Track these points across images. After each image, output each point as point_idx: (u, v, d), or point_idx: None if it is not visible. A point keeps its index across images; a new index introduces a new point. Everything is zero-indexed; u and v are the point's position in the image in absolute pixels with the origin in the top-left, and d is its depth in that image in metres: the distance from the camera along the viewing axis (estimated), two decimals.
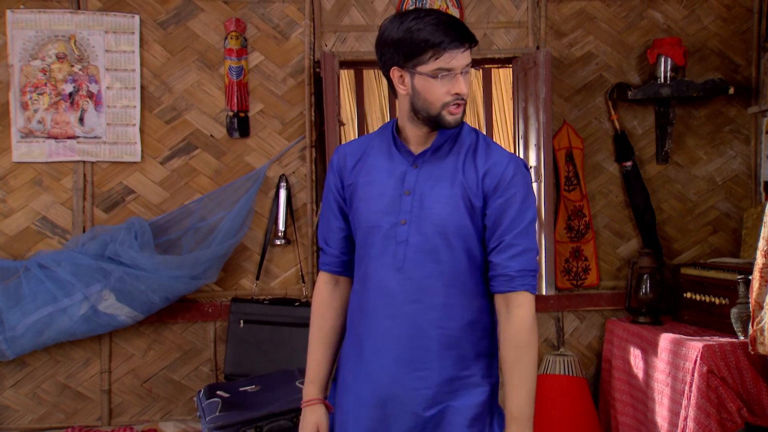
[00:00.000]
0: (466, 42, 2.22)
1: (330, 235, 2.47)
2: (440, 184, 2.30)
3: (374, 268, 2.33)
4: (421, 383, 2.29)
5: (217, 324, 4.41)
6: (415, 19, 2.21)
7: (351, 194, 2.39)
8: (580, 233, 4.51)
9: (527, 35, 4.52)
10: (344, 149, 2.47)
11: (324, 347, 2.46)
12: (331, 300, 2.48)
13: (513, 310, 2.28)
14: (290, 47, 4.45)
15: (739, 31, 4.62)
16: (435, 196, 2.29)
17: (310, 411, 2.41)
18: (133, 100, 4.38)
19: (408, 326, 2.29)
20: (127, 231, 4.16)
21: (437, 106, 2.25)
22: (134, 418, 4.39)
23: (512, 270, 2.28)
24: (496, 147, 2.39)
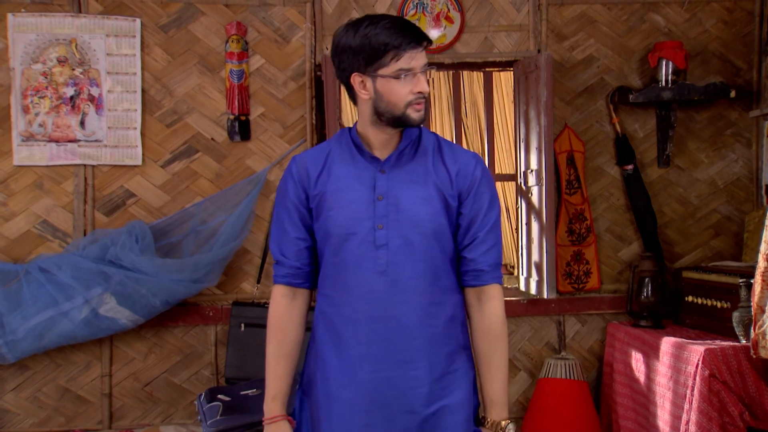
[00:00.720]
0: (423, 41, 2.29)
1: (288, 247, 2.43)
2: (413, 186, 2.36)
3: (354, 275, 2.34)
4: (415, 383, 2.33)
5: (218, 327, 4.41)
6: (370, 24, 2.27)
7: (318, 204, 2.39)
8: (581, 237, 4.51)
9: (528, 38, 4.52)
10: (304, 159, 2.46)
11: (285, 362, 2.44)
12: (289, 314, 2.45)
13: (486, 303, 2.39)
14: (291, 50, 4.45)
15: (740, 34, 4.62)
16: (410, 198, 2.35)
17: (275, 428, 2.40)
18: (134, 103, 4.38)
19: (396, 328, 2.33)
20: (128, 234, 4.16)
21: (401, 105, 2.29)
22: (135, 422, 4.39)
23: (485, 265, 2.38)
24: (459, 147, 2.49)
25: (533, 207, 4.38)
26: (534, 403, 4.33)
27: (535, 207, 4.35)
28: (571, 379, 4.30)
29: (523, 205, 4.54)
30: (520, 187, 4.57)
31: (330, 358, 2.37)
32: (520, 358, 4.57)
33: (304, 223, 2.43)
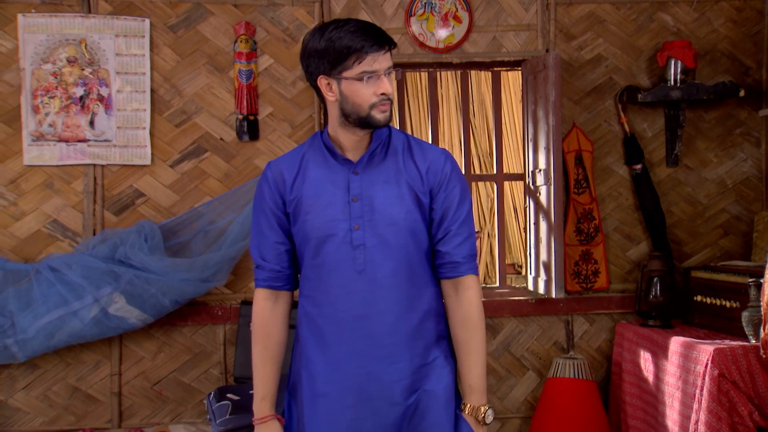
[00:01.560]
0: (385, 45, 2.35)
1: (267, 251, 2.49)
2: (386, 186, 2.43)
3: (334, 275, 2.41)
4: (397, 375, 2.41)
5: (227, 327, 4.43)
6: (335, 29, 2.32)
7: (296, 208, 2.45)
8: (589, 236, 4.51)
9: (536, 38, 4.52)
10: (278, 165, 2.51)
11: (271, 364, 2.52)
12: (273, 316, 2.51)
13: (462, 293, 2.46)
14: (299, 50, 4.45)
15: (749, 33, 4.61)
16: (384, 198, 2.42)
17: (266, 428, 2.46)
18: (144, 103, 4.40)
19: (377, 324, 2.41)
20: (137, 234, 4.18)
21: (365, 107, 2.35)
22: (144, 421, 4.40)
23: (459, 257, 2.46)
24: (428, 145, 2.56)
25: (541, 206, 4.38)
26: (542, 403, 4.33)
27: (544, 206, 4.35)
28: (579, 378, 4.30)
29: (531, 204, 4.54)
30: (529, 186, 4.58)
31: (315, 356, 2.44)
32: (529, 357, 4.57)
33: (282, 227, 2.48)
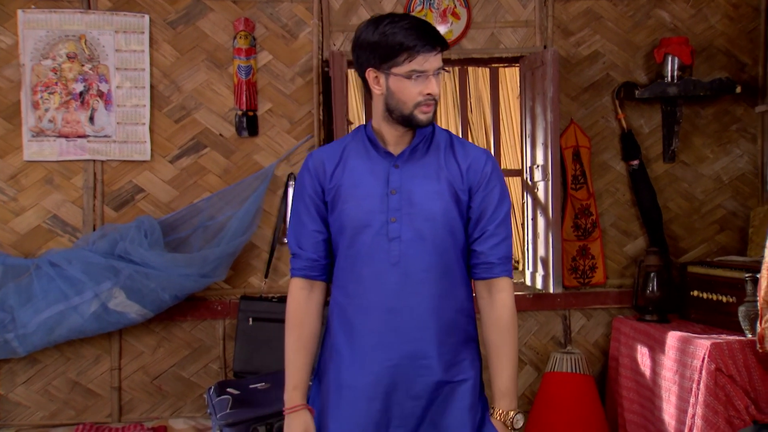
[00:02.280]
0: (438, 46, 2.36)
1: (305, 239, 2.51)
2: (426, 181, 2.44)
3: (368, 266, 2.43)
4: (425, 371, 2.42)
5: (226, 322, 4.45)
6: (390, 23, 2.34)
7: (334, 197, 2.47)
8: (587, 232, 4.54)
9: (534, 34, 4.54)
10: (320, 154, 2.54)
11: (304, 353, 2.52)
12: (307, 306, 2.52)
13: (495, 295, 2.48)
14: (299, 47, 4.48)
15: (745, 30, 4.63)
16: (423, 192, 2.43)
17: (296, 417, 2.46)
18: (143, 99, 4.41)
19: (408, 318, 2.41)
20: (137, 229, 4.19)
21: (410, 105, 2.37)
22: (144, 415, 4.42)
23: (495, 258, 2.47)
24: (470, 144, 2.57)
25: (539, 202, 4.40)
26: (540, 397, 4.36)
27: (541, 202, 4.37)
28: (576, 373, 4.33)
29: (529, 200, 4.57)
30: (526, 182, 4.60)
31: (343, 347, 2.45)
32: (526, 352, 4.60)
33: (321, 216, 2.50)
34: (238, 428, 3.33)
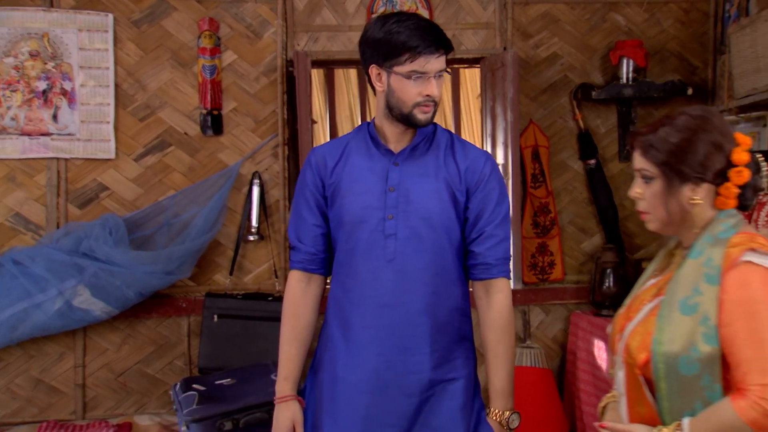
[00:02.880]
0: (441, 48, 2.37)
1: (304, 233, 2.54)
2: (424, 179, 2.45)
3: (364, 262, 2.44)
4: (416, 368, 2.42)
5: (191, 318, 4.48)
6: (396, 22, 2.34)
7: (333, 192, 2.49)
8: (545, 229, 4.65)
9: (495, 36, 4.64)
10: (322, 150, 2.57)
11: (298, 345, 2.54)
12: (304, 298, 2.55)
13: (493, 296, 2.48)
14: (263, 46, 4.53)
15: (696, 34, 4.78)
16: (420, 191, 2.44)
17: (285, 407, 2.49)
18: (107, 97, 4.42)
19: (401, 315, 2.42)
20: (102, 227, 4.21)
21: (409, 105, 2.38)
22: (108, 412, 4.44)
23: (492, 259, 2.47)
24: (470, 145, 2.57)
25: None
26: None
27: None
28: (535, 367, 4.44)
29: None
30: None
31: (338, 340, 2.47)
32: None
33: (321, 210, 2.53)
34: (204, 424, 3.36)
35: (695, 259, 1.94)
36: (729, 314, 1.86)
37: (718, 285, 1.88)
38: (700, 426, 1.85)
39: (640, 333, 1.97)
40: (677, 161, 1.95)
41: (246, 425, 3.35)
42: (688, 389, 1.88)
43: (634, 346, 1.96)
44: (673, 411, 1.90)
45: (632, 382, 2.00)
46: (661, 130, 1.99)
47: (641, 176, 2.03)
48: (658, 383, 1.90)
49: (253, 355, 4.24)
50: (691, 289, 1.91)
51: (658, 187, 1.99)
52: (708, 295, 1.88)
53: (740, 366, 1.84)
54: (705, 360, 1.86)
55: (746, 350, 1.83)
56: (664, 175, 1.97)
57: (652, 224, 2.07)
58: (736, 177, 1.95)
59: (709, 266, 1.91)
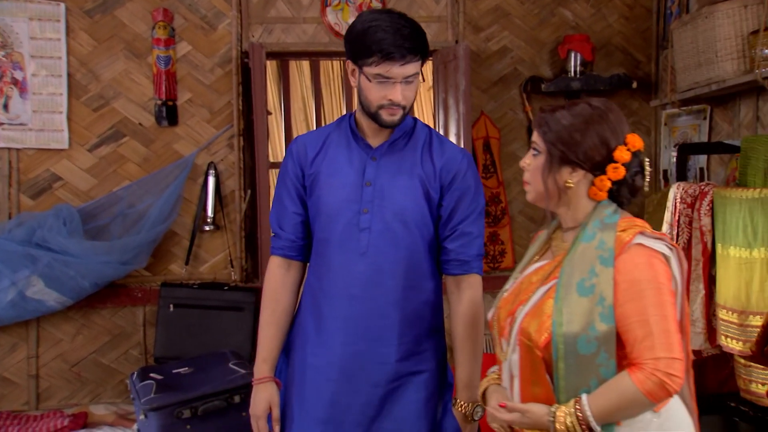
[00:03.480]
0: (409, 55, 2.33)
1: (285, 220, 2.58)
2: (399, 176, 2.48)
3: (338, 253, 2.48)
4: (383, 358, 2.46)
5: (147, 308, 4.50)
6: (374, 20, 2.33)
7: (312, 183, 2.52)
8: (497, 219, 4.77)
9: (447, 29, 4.73)
10: (303, 140, 2.59)
11: (276, 328, 2.58)
12: (283, 283, 2.59)
13: (464, 291, 2.53)
14: (218, 38, 4.55)
15: (640, 29, 4.93)
16: (395, 187, 2.47)
17: (263, 388, 2.53)
18: (60, 87, 4.41)
19: (371, 307, 2.46)
20: (55, 217, 4.20)
21: (374, 105, 2.38)
22: (62, 402, 4.44)
23: (466, 255, 2.50)
24: (448, 142, 2.59)
25: None
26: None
27: None
28: (490, 353, 4.55)
29: None
30: None
31: (309, 327, 2.52)
32: None
33: (301, 198, 2.56)
34: (162, 412, 3.38)
35: (588, 242, 2.05)
36: (623, 294, 1.97)
37: (613, 267, 1.99)
38: (599, 400, 1.95)
39: (538, 315, 2.04)
40: (562, 143, 2.06)
41: (204, 413, 3.39)
42: (586, 367, 1.97)
43: (534, 329, 2.03)
44: (569, 389, 1.98)
45: (528, 363, 2.06)
46: (559, 112, 2.10)
47: (532, 149, 2.15)
48: (557, 363, 1.98)
49: (209, 344, 4.28)
50: (587, 271, 2.00)
51: (541, 161, 2.11)
52: (603, 276, 1.98)
53: (634, 343, 1.95)
54: (602, 338, 1.96)
55: (638, 329, 1.95)
56: (548, 152, 2.09)
57: (530, 195, 2.19)
58: (612, 172, 2.05)
59: (602, 249, 2.01)
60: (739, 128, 4.08)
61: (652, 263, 1.99)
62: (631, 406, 1.95)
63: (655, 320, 1.94)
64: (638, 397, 1.93)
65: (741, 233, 3.22)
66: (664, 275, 1.99)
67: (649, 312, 1.95)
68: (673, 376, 1.92)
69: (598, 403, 1.95)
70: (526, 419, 2.03)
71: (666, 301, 1.97)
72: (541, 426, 2.01)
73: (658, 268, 1.99)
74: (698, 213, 3.46)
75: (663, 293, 1.97)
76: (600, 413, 1.95)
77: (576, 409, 1.95)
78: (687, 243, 3.51)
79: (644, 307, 1.96)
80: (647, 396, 1.93)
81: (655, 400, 1.94)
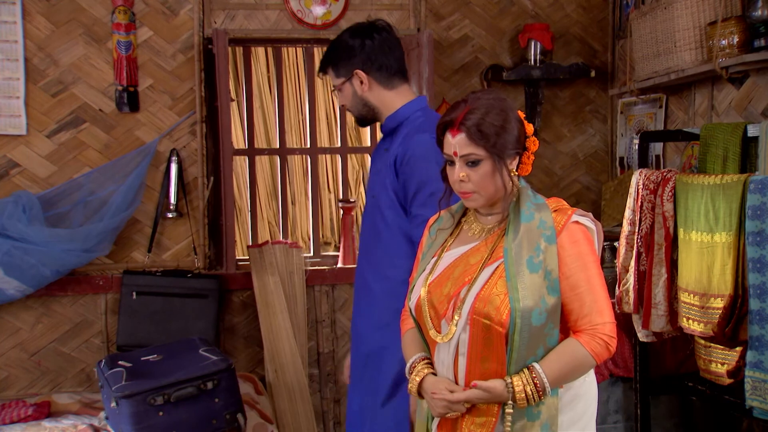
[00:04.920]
0: (320, 72, 3.02)
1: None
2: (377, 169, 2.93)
3: (361, 237, 3.02)
4: (362, 329, 2.91)
5: (108, 296, 4.46)
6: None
7: None
8: None
9: (408, 17, 4.75)
10: None
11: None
12: None
13: None
14: (179, 23, 4.50)
15: (596, 19, 5.03)
16: (373, 175, 2.96)
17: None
18: (17, 72, 4.32)
19: (361, 285, 2.94)
20: (15, 204, 4.13)
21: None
22: (22, 392, 4.38)
23: (415, 237, 2.68)
24: (414, 133, 2.78)
25: None
26: None
27: None
28: None
29: None
30: None
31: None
32: None
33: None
34: (135, 399, 3.35)
35: (528, 222, 2.23)
36: (569, 267, 2.19)
37: (555, 243, 2.20)
38: (552, 365, 2.17)
39: (493, 295, 2.18)
40: (502, 141, 2.21)
41: (177, 399, 3.37)
42: (536, 338, 2.16)
43: (492, 308, 2.16)
44: (519, 360, 2.16)
45: (480, 340, 2.20)
46: (477, 116, 2.21)
47: (466, 161, 2.22)
48: (512, 336, 2.14)
49: (173, 331, 4.27)
50: (534, 249, 2.19)
51: (487, 167, 2.22)
52: (549, 252, 2.19)
53: (581, 310, 2.19)
54: (550, 310, 2.17)
55: (586, 296, 2.19)
56: (491, 156, 2.20)
57: (478, 202, 2.28)
58: (533, 145, 2.30)
59: (544, 227, 2.22)
60: (695, 116, 4.20)
61: (588, 238, 2.24)
62: (580, 368, 2.21)
63: (595, 289, 2.20)
64: (587, 359, 2.18)
65: (703, 218, 3.32)
66: (593, 248, 2.26)
67: (590, 282, 2.19)
68: (612, 337, 2.19)
69: (552, 368, 2.16)
70: (487, 395, 2.17)
71: (599, 272, 2.23)
72: (500, 399, 2.18)
73: (591, 243, 2.25)
74: (661, 199, 3.55)
75: (597, 265, 2.23)
76: (554, 377, 2.16)
77: (533, 377, 2.14)
78: (650, 228, 3.60)
79: (586, 278, 2.19)
80: (594, 357, 2.19)
81: (600, 360, 2.20)
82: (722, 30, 3.69)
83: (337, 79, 2.90)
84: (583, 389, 2.33)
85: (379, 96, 2.88)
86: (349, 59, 2.86)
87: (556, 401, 2.22)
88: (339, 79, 2.90)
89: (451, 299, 2.25)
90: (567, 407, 2.28)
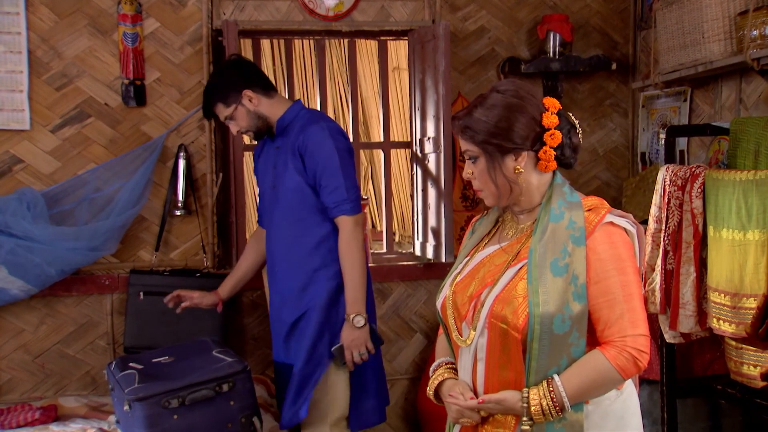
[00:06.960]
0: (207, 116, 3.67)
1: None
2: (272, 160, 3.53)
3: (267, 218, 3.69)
4: (281, 298, 3.50)
5: (114, 296, 4.32)
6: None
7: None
8: (474, 202, 4.69)
9: (423, 8, 4.61)
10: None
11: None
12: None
13: (340, 231, 3.36)
14: (187, 15, 4.36)
15: (618, 10, 4.88)
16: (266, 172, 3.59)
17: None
18: (20, 64, 4.19)
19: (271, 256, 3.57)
20: (19, 201, 4.01)
21: None
22: (25, 395, 4.25)
23: (331, 203, 3.34)
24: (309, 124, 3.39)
25: (430, 174, 4.50)
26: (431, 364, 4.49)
27: (433, 174, 4.48)
28: None
29: (418, 171, 4.66)
30: (416, 154, 4.69)
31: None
32: (417, 320, 4.71)
33: None
34: (149, 402, 3.22)
35: (557, 222, 2.08)
36: (599, 272, 2.03)
37: (585, 246, 2.04)
38: (572, 379, 2.00)
39: (512, 297, 2.06)
40: (494, 137, 2.09)
41: (192, 402, 3.24)
42: (558, 347, 2.01)
43: (509, 311, 2.04)
44: (540, 370, 2.01)
45: (498, 346, 2.07)
46: (475, 111, 2.13)
47: (468, 157, 2.18)
48: (531, 344, 2.00)
49: (182, 332, 4.13)
50: (560, 250, 2.04)
51: (483, 164, 2.14)
52: (576, 255, 2.03)
53: (609, 319, 2.02)
54: (575, 317, 2.01)
55: (617, 304, 2.01)
56: (485, 152, 2.12)
57: (488, 200, 2.22)
58: (551, 140, 2.12)
59: (573, 228, 2.06)
60: (721, 110, 4.06)
61: (625, 241, 2.07)
62: (605, 383, 2.03)
63: (630, 297, 2.02)
64: (612, 374, 2.01)
65: (734, 215, 3.20)
66: (631, 253, 2.08)
67: (620, 290, 2.01)
68: (642, 352, 2.01)
69: (571, 381, 1.99)
70: (499, 407, 2.05)
71: (635, 280, 2.05)
72: (514, 412, 2.04)
73: (627, 247, 2.07)
74: (689, 195, 3.43)
75: (632, 272, 2.05)
76: (573, 392, 2.00)
77: (550, 390, 1.99)
78: (677, 225, 3.47)
79: (620, 284, 2.02)
80: (620, 372, 2.00)
81: (627, 376, 2.02)
82: (754, 20, 3.55)
83: (227, 108, 3.42)
84: (615, 407, 2.12)
85: (267, 106, 3.45)
86: (234, 87, 3.39)
87: (581, 418, 2.04)
88: (230, 108, 3.41)
89: (473, 300, 2.14)
90: (595, 427, 2.09)
